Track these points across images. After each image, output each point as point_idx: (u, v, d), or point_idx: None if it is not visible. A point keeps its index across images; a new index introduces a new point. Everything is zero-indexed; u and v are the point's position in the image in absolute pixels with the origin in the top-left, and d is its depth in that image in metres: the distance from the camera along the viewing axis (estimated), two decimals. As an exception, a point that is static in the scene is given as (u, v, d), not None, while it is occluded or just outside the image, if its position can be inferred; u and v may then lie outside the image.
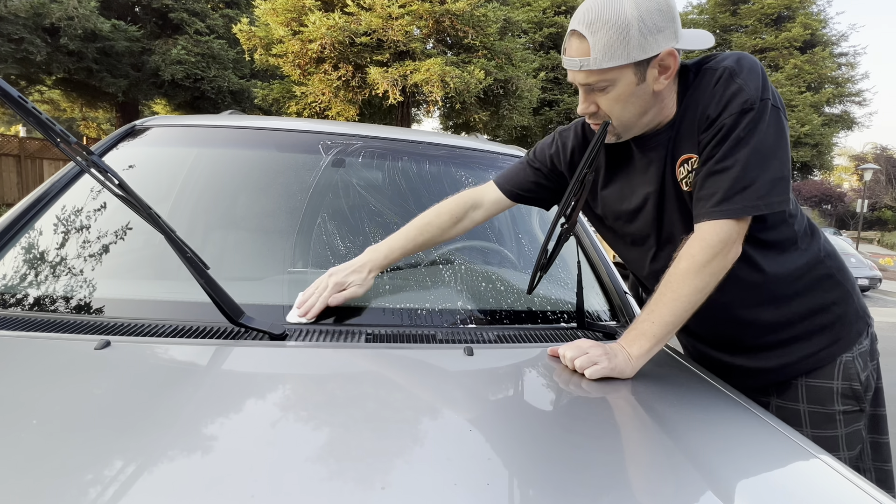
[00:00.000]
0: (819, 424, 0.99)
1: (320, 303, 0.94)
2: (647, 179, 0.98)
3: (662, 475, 0.59)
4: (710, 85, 0.88)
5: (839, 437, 0.99)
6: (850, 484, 0.62)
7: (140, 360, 0.74)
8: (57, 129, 0.74)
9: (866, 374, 1.01)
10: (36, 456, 0.51)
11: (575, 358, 0.83)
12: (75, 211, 1.11)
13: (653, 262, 1.04)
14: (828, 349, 1.00)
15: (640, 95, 0.89)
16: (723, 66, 0.88)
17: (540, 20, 16.02)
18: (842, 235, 17.64)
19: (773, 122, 0.86)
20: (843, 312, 1.01)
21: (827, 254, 1.02)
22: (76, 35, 10.04)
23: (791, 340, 1.01)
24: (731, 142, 0.86)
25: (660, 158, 0.96)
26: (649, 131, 0.96)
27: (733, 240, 0.87)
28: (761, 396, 1.04)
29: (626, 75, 0.87)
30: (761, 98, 0.85)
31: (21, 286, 0.94)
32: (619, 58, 0.84)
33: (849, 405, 0.99)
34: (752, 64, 0.88)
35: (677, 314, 0.86)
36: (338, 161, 1.32)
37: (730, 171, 0.86)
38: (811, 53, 18.21)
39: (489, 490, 0.51)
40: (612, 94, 0.89)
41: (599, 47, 0.84)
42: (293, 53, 9.53)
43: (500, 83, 10.49)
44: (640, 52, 0.84)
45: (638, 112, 0.92)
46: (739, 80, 0.86)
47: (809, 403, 1.01)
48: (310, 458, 0.54)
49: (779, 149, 0.87)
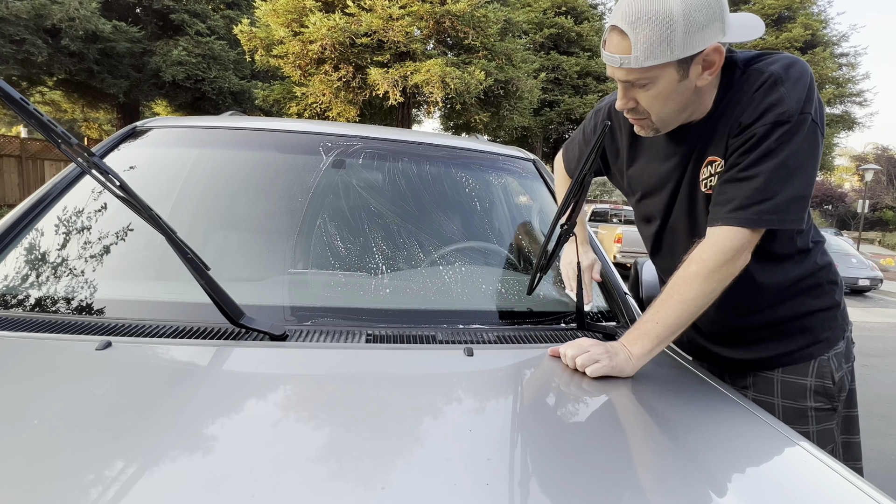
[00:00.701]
0: (791, 419, 1.01)
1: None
2: (668, 169, 0.99)
3: (662, 475, 0.59)
4: (752, 89, 0.85)
5: (810, 433, 1.00)
6: (849, 485, 0.62)
7: (141, 361, 0.74)
8: (58, 131, 0.74)
9: (840, 375, 1.02)
10: (37, 456, 0.51)
11: (576, 356, 0.83)
12: (76, 212, 1.12)
13: (654, 243, 1.08)
14: (805, 349, 1.02)
15: (681, 92, 0.86)
16: (769, 71, 0.84)
17: (540, 21, 16.01)
18: (843, 236, 17.63)
19: (809, 138, 0.83)
20: (828, 319, 1.03)
21: (821, 266, 1.03)
22: (77, 36, 10.05)
23: (770, 338, 1.03)
24: (759, 152, 0.84)
25: (685, 153, 0.96)
26: (683, 123, 0.95)
27: (744, 247, 0.86)
28: (739, 389, 1.07)
29: (668, 73, 0.83)
30: (801, 112, 0.82)
31: (22, 287, 0.95)
32: (662, 56, 0.80)
33: (821, 402, 1.01)
34: (800, 73, 0.84)
35: (681, 317, 0.86)
36: (338, 162, 1.32)
37: (752, 180, 0.84)
38: (812, 54, 18.19)
39: (489, 490, 0.52)
40: (653, 91, 0.85)
41: (641, 45, 0.80)
42: (294, 54, 9.54)
43: (501, 84, 10.50)
44: (685, 50, 0.80)
45: (678, 108, 0.89)
46: (782, 90, 0.83)
47: (783, 398, 1.02)
48: (310, 458, 0.54)
49: (807, 166, 0.84)
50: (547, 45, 16.39)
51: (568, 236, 1.00)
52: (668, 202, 1.01)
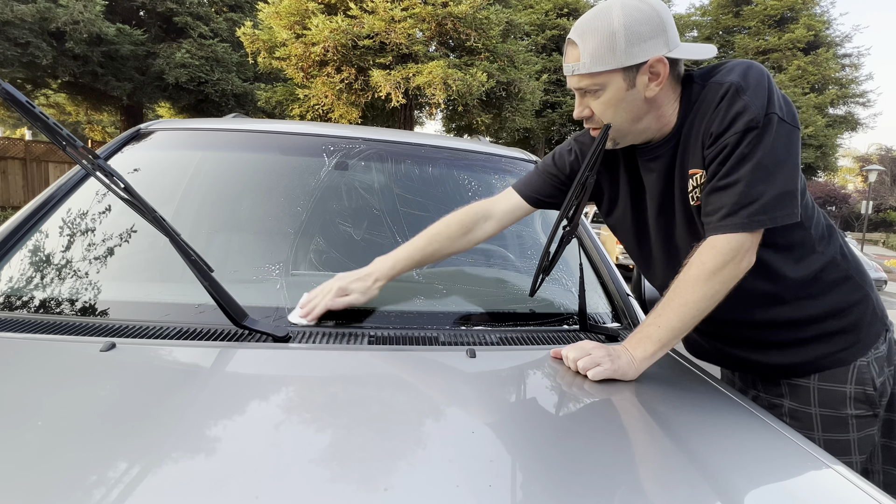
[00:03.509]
0: (831, 428, 0.98)
1: (321, 306, 0.95)
2: (652, 191, 1.00)
3: (665, 478, 0.59)
4: (716, 100, 0.88)
5: (851, 440, 0.98)
6: (854, 487, 0.62)
7: (145, 362, 0.74)
8: (63, 133, 0.75)
9: (882, 380, 0.99)
10: (42, 457, 0.51)
11: (578, 359, 0.83)
12: (81, 214, 1.12)
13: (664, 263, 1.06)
14: (843, 352, 0.98)
15: (630, 101, 0.91)
16: (728, 82, 0.88)
17: (542, 22, 16.04)
18: (846, 237, 17.51)
19: (780, 135, 0.85)
20: (861, 315, 1.00)
21: (843, 255, 1.00)
22: (81, 39, 10.11)
23: (806, 341, 0.99)
24: (734, 159, 0.86)
25: (664, 169, 0.97)
26: (652, 142, 0.97)
27: (746, 248, 0.86)
28: (774, 398, 1.04)
29: (615, 80, 0.90)
30: (766, 114, 0.85)
31: (27, 288, 0.95)
32: (607, 63, 0.88)
33: (862, 410, 0.97)
34: (758, 78, 0.87)
35: (684, 320, 0.86)
36: (341, 164, 1.32)
37: (734, 187, 0.86)
38: (815, 55, 18.15)
39: (491, 492, 0.52)
40: (603, 98, 0.92)
41: (588, 53, 0.89)
42: (296, 56, 9.58)
43: (503, 85, 10.51)
44: (627, 59, 0.88)
45: (630, 117, 0.93)
46: (745, 98, 0.85)
47: (821, 407, 0.99)
48: (313, 459, 0.55)
49: (785, 163, 0.86)
50: (549, 46, 16.40)
51: (570, 238, 1.00)
52: (667, 226, 1.01)
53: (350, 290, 0.98)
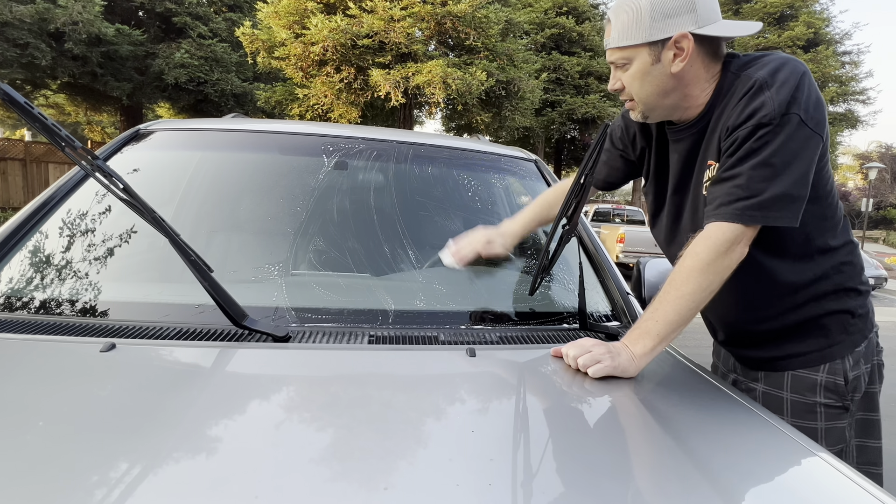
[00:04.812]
0: (799, 414, 1.01)
1: (472, 252, 1.08)
2: (673, 170, 1.05)
3: (665, 475, 0.59)
4: (740, 95, 0.90)
5: (818, 429, 1.00)
6: (852, 484, 0.62)
7: (145, 363, 0.75)
8: (62, 134, 0.75)
9: (856, 374, 1.01)
10: (42, 457, 0.51)
11: (578, 356, 0.83)
12: (80, 214, 1.12)
13: (668, 242, 1.11)
14: (820, 352, 1.01)
15: (656, 76, 0.95)
16: (755, 77, 0.89)
17: (542, 21, 16.01)
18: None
19: (796, 137, 0.85)
20: (846, 322, 1.01)
21: (846, 270, 1.01)
22: (81, 40, 10.10)
23: (785, 337, 1.03)
24: (742, 152, 0.87)
25: (686, 152, 1.01)
26: (679, 123, 1.01)
27: (738, 240, 0.87)
28: (751, 382, 1.08)
29: (641, 54, 0.94)
30: (784, 113, 0.85)
31: (27, 289, 0.95)
32: (633, 38, 0.93)
33: (831, 399, 1.00)
34: (787, 76, 0.87)
35: (681, 313, 0.86)
36: (341, 163, 1.32)
37: (734, 179, 0.88)
38: (814, 52, 18.12)
39: (491, 491, 0.52)
40: (630, 71, 0.96)
41: (618, 28, 0.94)
42: (295, 56, 9.57)
43: (502, 84, 10.50)
44: (652, 34, 0.91)
45: (656, 91, 0.96)
46: (766, 95, 0.86)
47: (792, 392, 1.02)
48: (313, 458, 0.55)
49: (794, 165, 0.86)
50: (548, 45, 16.39)
51: (570, 237, 1.00)
52: (675, 202, 1.07)
53: (494, 242, 1.10)
